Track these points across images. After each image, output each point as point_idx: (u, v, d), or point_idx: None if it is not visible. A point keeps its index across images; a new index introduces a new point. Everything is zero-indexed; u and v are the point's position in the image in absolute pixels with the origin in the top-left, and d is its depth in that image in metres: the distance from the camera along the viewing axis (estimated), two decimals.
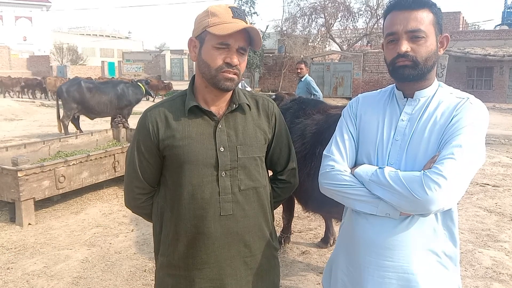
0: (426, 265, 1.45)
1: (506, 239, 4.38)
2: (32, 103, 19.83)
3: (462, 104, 1.43)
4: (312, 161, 3.16)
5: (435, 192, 1.30)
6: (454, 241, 1.49)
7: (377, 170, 1.44)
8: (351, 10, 28.77)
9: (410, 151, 1.44)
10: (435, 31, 1.46)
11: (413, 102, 1.50)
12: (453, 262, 1.50)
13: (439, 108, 1.45)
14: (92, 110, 9.60)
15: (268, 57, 27.69)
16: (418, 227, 1.44)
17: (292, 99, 4.06)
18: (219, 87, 1.53)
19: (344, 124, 1.65)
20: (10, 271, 3.65)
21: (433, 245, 1.45)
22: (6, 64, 40.08)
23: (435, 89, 1.51)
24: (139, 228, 4.63)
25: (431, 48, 1.44)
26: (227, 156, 1.56)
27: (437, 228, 1.46)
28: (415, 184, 1.33)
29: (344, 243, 1.67)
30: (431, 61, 1.45)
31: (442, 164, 1.32)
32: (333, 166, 1.55)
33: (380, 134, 1.53)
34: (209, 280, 1.59)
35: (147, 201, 1.71)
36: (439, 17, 1.47)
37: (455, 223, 1.49)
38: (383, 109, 1.56)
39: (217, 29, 1.47)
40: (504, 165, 7.96)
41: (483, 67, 23.19)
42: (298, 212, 4.70)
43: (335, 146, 1.60)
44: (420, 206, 1.34)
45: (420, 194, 1.31)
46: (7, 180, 4.57)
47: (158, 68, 40.77)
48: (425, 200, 1.31)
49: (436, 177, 1.30)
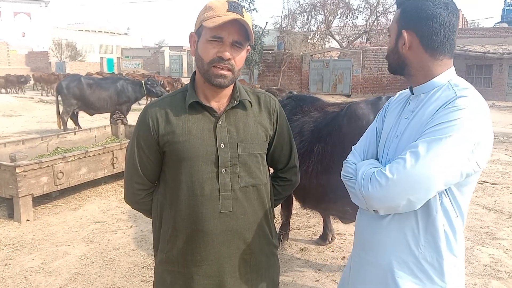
0: (407, 268, 1.40)
1: (504, 236, 4.39)
2: (30, 99, 19.77)
3: (448, 102, 1.32)
4: (310, 159, 3.16)
5: (375, 190, 1.32)
6: (438, 250, 1.37)
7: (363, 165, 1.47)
8: (351, 7, 28.76)
9: (399, 149, 1.42)
10: (398, 27, 1.45)
11: (416, 99, 1.47)
12: (438, 274, 1.38)
13: (431, 106, 1.37)
14: (92, 106, 9.58)
15: (268, 54, 27.65)
16: (397, 226, 1.42)
17: (288, 96, 4.05)
18: (211, 83, 1.52)
19: (375, 119, 1.68)
20: (8, 267, 3.64)
21: (413, 248, 1.39)
22: (4, 60, 39.98)
23: (441, 85, 1.40)
24: (138, 225, 4.62)
25: (389, 46, 1.52)
26: (227, 152, 1.55)
27: (416, 232, 1.39)
28: (365, 179, 1.37)
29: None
30: (390, 57, 1.50)
31: (391, 164, 1.32)
32: (349, 158, 1.59)
33: (388, 131, 1.54)
34: (208, 277, 1.59)
35: (147, 197, 1.70)
36: (406, 12, 1.42)
37: (440, 233, 1.37)
38: (401, 107, 1.56)
39: (210, 22, 1.46)
40: (503, 163, 7.96)
41: (482, 65, 23.16)
42: (296, 209, 4.70)
43: (361, 140, 1.65)
44: (361, 201, 1.40)
45: (364, 190, 1.36)
46: (5, 176, 4.55)
47: (157, 65, 40.68)
48: (365, 196, 1.36)
49: (379, 176, 1.32)
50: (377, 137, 1.60)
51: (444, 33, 1.38)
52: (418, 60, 1.42)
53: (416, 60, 1.43)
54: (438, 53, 1.40)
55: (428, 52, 1.40)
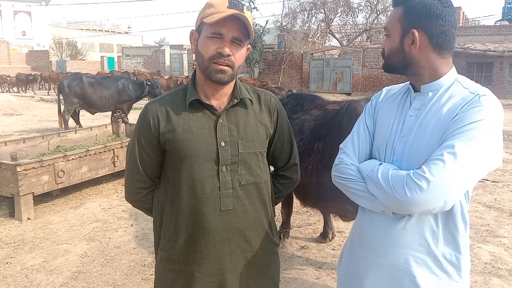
0: (426, 268, 1.40)
1: (505, 234, 4.39)
2: (31, 98, 19.79)
3: (470, 100, 1.33)
4: (309, 157, 3.16)
5: (416, 194, 1.26)
6: (457, 247, 1.41)
7: (375, 166, 1.42)
8: (351, 5, 28.74)
9: (411, 148, 1.41)
10: (402, 26, 1.43)
11: (421, 97, 1.45)
12: (456, 269, 1.41)
13: (447, 104, 1.37)
14: (93, 105, 9.59)
15: (268, 52, 27.64)
16: (415, 227, 1.40)
17: (288, 94, 4.05)
18: (211, 79, 1.52)
19: (362, 117, 1.63)
20: (9, 265, 3.65)
21: (432, 247, 1.40)
22: (5, 59, 39.98)
23: (449, 83, 1.42)
24: (139, 223, 4.63)
25: (391, 45, 1.48)
26: (228, 150, 1.56)
27: (436, 231, 1.39)
28: (398, 183, 1.30)
29: (350, 236, 1.68)
30: (393, 57, 1.47)
31: (429, 165, 1.27)
32: (342, 159, 1.54)
33: (390, 129, 1.50)
34: (209, 275, 1.59)
35: (148, 195, 1.70)
36: (412, 10, 1.41)
37: (460, 228, 1.40)
38: (398, 104, 1.53)
39: (210, 18, 1.46)
40: (504, 161, 7.95)
41: (483, 63, 23.13)
42: (297, 207, 4.71)
43: (350, 139, 1.60)
44: (401, 207, 1.32)
45: (401, 195, 1.29)
46: (6, 175, 4.56)
47: (157, 63, 40.69)
48: (406, 202, 1.28)
49: (418, 179, 1.26)
50: (369, 136, 1.57)
51: (451, 31, 1.40)
52: (426, 59, 1.42)
53: (424, 59, 1.42)
54: (445, 51, 1.41)
55: (436, 51, 1.41)
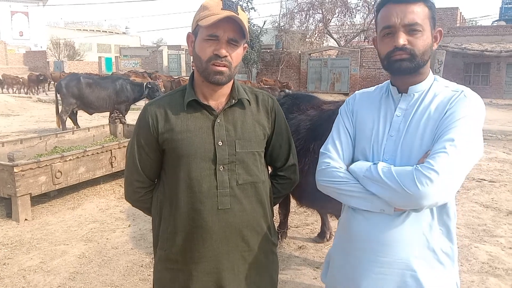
0: (425, 262, 1.43)
1: (502, 234, 4.40)
2: (28, 99, 19.74)
3: (457, 97, 1.41)
4: (306, 157, 3.16)
5: (427, 187, 1.29)
6: (451, 238, 1.47)
7: (371, 166, 1.43)
8: (349, 5, 28.72)
9: (405, 146, 1.44)
10: (430, 25, 1.46)
11: (408, 97, 1.49)
12: (450, 259, 1.47)
13: (433, 102, 1.43)
14: (91, 105, 9.57)
15: (266, 52, 27.64)
16: (414, 223, 1.43)
17: (285, 95, 4.06)
18: (210, 81, 1.54)
19: (341, 121, 1.64)
20: (6, 266, 3.64)
21: (430, 241, 1.44)
22: (2, 60, 39.85)
23: (430, 83, 1.49)
24: (136, 224, 4.63)
25: (427, 42, 1.45)
26: (225, 150, 1.57)
27: (433, 224, 1.44)
28: (407, 179, 1.32)
29: (340, 239, 1.67)
30: (427, 55, 1.45)
31: (434, 158, 1.31)
32: (329, 163, 1.55)
33: (375, 130, 1.52)
34: (207, 274, 1.60)
35: (147, 195, 1.72)
36: (433, 11, 1.46)
37: (452, 219, 1.47)
38: (379, 105, 1.56)
39: (205, 21, 1.48)
40: (501, 161, 7.98)
41: (480, 63, 23.20)
42: (294, 207, 4.71)
43: (332, 143, 1.60)
44: (413, 201, 1.33)
45: (412, 189, 1.31)
46: (4, 176, 4.55)
47: (155, 64, 40.59)
48: (417, 195, 1.30)
49: (428, 172, 1.29)
50: (351, 139, 1.59)
51: None
52: (430, 58, 1.49)
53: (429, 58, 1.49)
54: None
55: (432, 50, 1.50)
